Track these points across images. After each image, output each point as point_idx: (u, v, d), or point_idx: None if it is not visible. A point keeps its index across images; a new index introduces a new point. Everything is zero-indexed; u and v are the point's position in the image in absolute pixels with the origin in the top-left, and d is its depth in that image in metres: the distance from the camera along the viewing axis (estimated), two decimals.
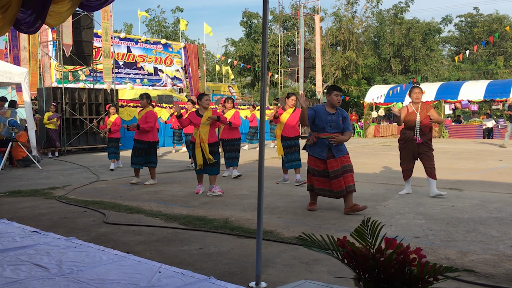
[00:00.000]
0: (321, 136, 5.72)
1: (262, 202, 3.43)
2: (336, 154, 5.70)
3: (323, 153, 5.71)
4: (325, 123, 5.70)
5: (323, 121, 5.70)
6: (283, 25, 33.91)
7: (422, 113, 6.73)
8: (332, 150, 5.70)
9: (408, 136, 6.78)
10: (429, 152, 6.72)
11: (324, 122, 5.70)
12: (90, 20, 16.55)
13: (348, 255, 1.79)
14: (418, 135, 6.68)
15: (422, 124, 6.69)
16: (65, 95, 15.93)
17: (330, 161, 5.68)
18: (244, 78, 40.08)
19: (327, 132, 5.71)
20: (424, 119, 6.70)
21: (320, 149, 5.74)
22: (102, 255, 3.94)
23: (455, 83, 26.27)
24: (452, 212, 5.70)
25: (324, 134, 5.71)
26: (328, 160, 5.68)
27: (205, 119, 7.19)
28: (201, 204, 6.57)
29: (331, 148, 5.70)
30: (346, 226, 5.10)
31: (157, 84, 24.43)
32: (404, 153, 6.88)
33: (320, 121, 5.71)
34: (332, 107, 5.79)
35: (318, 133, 5.75)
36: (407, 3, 34.76)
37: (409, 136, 6.76)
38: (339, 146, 5.76)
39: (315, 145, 5.78)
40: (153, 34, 37.49)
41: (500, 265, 3.71)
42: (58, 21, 4.92)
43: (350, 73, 33.80)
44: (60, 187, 8.30)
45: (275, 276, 3.53)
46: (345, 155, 5.79)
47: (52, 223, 5.47)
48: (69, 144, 15.97)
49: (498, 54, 41.82)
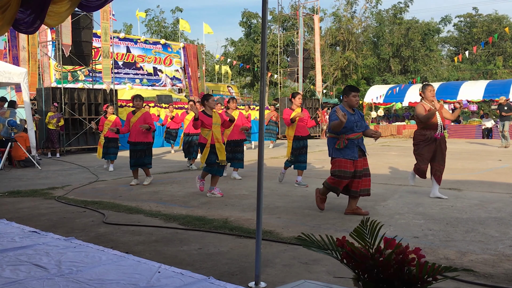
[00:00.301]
0: (351, 137, 5.60)
1: (261, 202, 3.44)
2: (363, 153, 5.71)
3: (355, 154, 5.60)
4: (352, 124, 5.60)
5: (350, 122, 5.59)
6: (282, 25, 33.92)
7: (440, 110, 6.60)
8: (362, 148, 5.68)
9: (428, 136, 6.58)
10: (444, 152, 6.63)
11: (351, 123, 5.59)
12: (89, 20, 16.54)
13: (347, 255, 1.79)
14: (441, 130, 6.55)
15: (442, 120, 6.60)
16: (64, 95, 15.92)
17: (360, 160, 5.64)
18: (244, 78, 40.09)
19: (355, 132, 5.62)
20: (442, 117, 6.63)
21: (351, 150, 5.60)
22: (102, 255, 3.94)
23: (455, 83, 26.30)
24: (451, 212, 5.71)
25: (354, 135, 5.61)
26: (356, 160, 5.62)
27: (215, 119, 7.19)
28: (200, 204, 6.57)
29: (360, 146, 5.67)
30: (345, 226, 5.10)
31: (157, 84, 24.44)
32: (426, 154, 6.65)
33: (348, 122, 5.56)
34: (350, 107, 5.71)
35: (347, 134, 5.60)
36: (406, 3, 34.81)
37: (430, 136, 6.57)
38: (363, 145, 5.75)
39: (346, 148, 5.60)
40: (152, 34, 37.49)
41: (499, 265, 3.72)
42: (57, 21, 4.92)
43: (350, 73, 33.82)
44: (60, 187, 8.30)
45: (274, 276, 3.53)
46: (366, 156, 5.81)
47: (51, 223, 5.47)
48: (69, 144, 15.97)
49: (497, 54, 41.85)
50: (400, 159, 12.36)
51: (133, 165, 8.48)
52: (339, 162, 5.62)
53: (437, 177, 6.61)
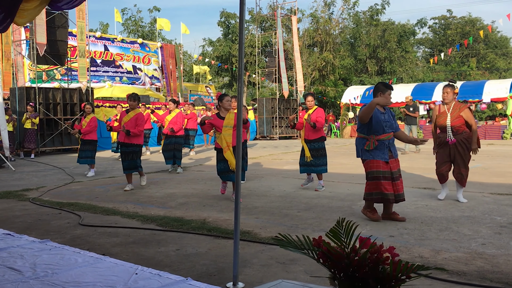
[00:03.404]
0: (381, 138, 5.34)
1: (239, 203, 3.45)
2: (395, 154, 5.44)
3: (385, 155, 5.34)
4: (382, 123, 5.35)
5: (380, 122, 5.34)
6: (260, 26, 33.97)
7: (454, 113, 6.38)
8: (391, 150, 5.43)
9: (442, 139, 6.46)
10: (464, 156, 6.36)
11: (381, 122, 5.34)
12: (64, 19, 16.29)
13: (323, 254, 1.82)
14: (450, 136, 6.36)
15: (453, 124, 6.36)
16: (38, 95, 15.65)
17: (392, 161, 5.37)
18: (222, 78, 40.00)
19: (386, 132, 5.36)
20: (456, 120, 6.36)
21: (381, 151, 5.35)
22: (78, 257, 3.89)
23: (429, 84, 26.74)
24: (426, 211, 5.81)
25: (384, 135, 5.35)
26: (390, 160, 5.36)
27: (228, 121, 6.61)
28: (178, 205, 6.54)
29: (391, 148, 5.42)
30: (323, 226, 5.15)
31: (136, 83, 24.17)
32: (439, 157, 6.53)
33: (376, 123, 5.33)
34: (383, 106, 5.45)
35: (377, 135, 5.35)
36: (383, 5, 35.23)
37: (443, 139, 6.45)
38: (394, 146, 5.50)
39: (376, 149, 5.36)
40: (129, 34, 37.10)
41: (471, 263, 3.80)
42: (26, 19, 4.83)
43: (327, 74, 34.07)
44: (34, 189, 8.16)
45: (252, 277, 3.54)
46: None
47: (26, 225, 5.38)
48: (43, 145, 15.70)
49: (470, 56, 42.74)
50: None
51: (126, 168, 7.96)
52: (372, 162, 5.38)
53: (459, 180, 6.41)
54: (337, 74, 34.33)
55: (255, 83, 29.41)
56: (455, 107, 6.42)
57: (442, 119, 6.46)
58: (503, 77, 37.82)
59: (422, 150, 15.11)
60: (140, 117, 8.00)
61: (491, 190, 7.27)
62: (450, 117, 6.39)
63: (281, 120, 25.27)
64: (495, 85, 22.88)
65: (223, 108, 6.80)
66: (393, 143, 5.49)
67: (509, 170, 9.76)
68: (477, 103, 22.66)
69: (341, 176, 9.23)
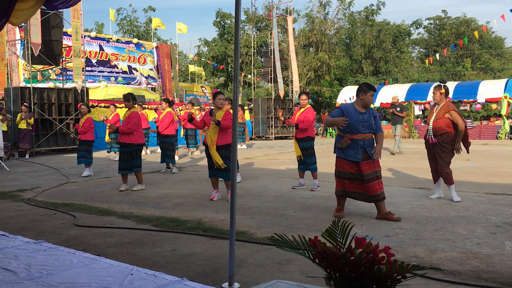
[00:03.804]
0: (355, 137, 5.38)
1: (235, 203, 3.44)
2: (371, 155, 5.41)
3: (358, 155, 5.37)
4: (358, 124, 5.37)
5: (355, 122, 5.37)
6: (256, 26, 33.98)
7: (439, 113, 6.45)
8: (367, 151, 5.40)
9: (427, 138, 6.62)
10: (443, 154, 6.42)
11: (357, 123, 5.37)
12: (59, 19, 16.24)
13: (319, 254, 1.82)
14: (431, 135, 6.47)
15: (434, 125, 6.45)
16: (33, 95, 15.59)
17: (363, 164, 5.37)
18: (217, 78, 39.99)
19: (361, 133, 5.38)
20: (439, 120, 6.42)
21: (354, 151, 5.38)
22: (73, 258, 3.88)
23: (424, 84, 26.80)
24: (421, 211, 5.83)
25: (358, 136, 5.38)
26: (361, 163, 5.37)
27: (214, 118, 6.71)
28: (173, 205, 6.53)
29: (366, 149, 5.40)
30: (318, 226, 5.15)
31: (132, 83, 24.13)
32: (427, 155, 6.70)
33: (352, 122, 5.36)
34: (363, 106, 5.45)
35: (351, 134, 5.39)
36: (378, 6, 35.32)
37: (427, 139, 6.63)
38: (372, 148, 5.46)
39: (349, 148, 5.41)
40: (124, 34, 37.01)
41: (466, 263, 3.82)
42: (21, 19, 4.80)
43: (323, 74, 34.12)
44: (29, 189, 8.12)
45: (248, 277, 3.54)
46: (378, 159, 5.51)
47: (21, 226, 5.36)
48: (38, 145, 15.64)
49: (465, 56, 42.93)
50: None
51: (120, 168, 7.94)
52: (339, 162, 5.52)
53: (444, 179, 6.48)
54: (332, 74, 34.39)
55: (251, 83, 29.42)
56: (442, 107, 6.47)
57: (429, 118, 6.62)
58: (497, 77, 38.01)
59: (416, 150, 15.15)
60: (133, 115, 7.93)
61: (486, 190, 7.30)
62: (434, 117, 6.48)
63: (277, 120, 25.28)
64: (490, 85, 22.98)
65: (215, 106, 6.92)
66: (370, 144, 5.46)
67: (503, 170, 9.80)
68: (472, 103, 22.74)
69: None
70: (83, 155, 9.97)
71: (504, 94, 21.67)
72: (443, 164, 6.45)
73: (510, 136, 22.09)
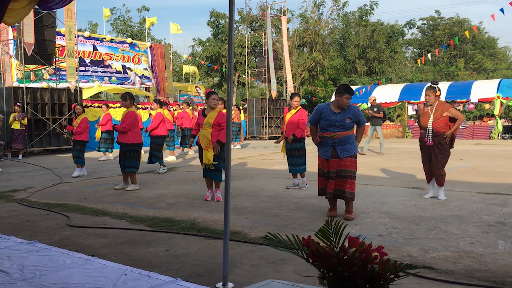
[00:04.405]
0: (325, 135, 5.54)
1: (229, 203, 3.45)
2: (341, 154, 5.45)
3: (327, 153, 5.53)
4: (329, 123, 5.51)
5: (327, 121, 5.52)
6: (250, 26, 33.99)
7: (437, 113, 6.43)
8: (336, 149, 5.48)
9: (422, 137, 6.60)
10: (439, 157, 6.43)
11: (328, 122, 5.51)
12: (52, 19, 16.16)
13: (312, 254, 1.82)
14: (429, 137, 6.44)
15: (434, 125, 6.42)
16: (26, 95, 15.51)
17: (331, 161, 5.50)
18: (211, 78, 39.95)
19: (330, 131, 5.51)
20: (438, 120, 6.41)
21: (324, 148, 5.57)
22: (66, 258, 3.86)
23: (418, 84, 26.91)
24: (414, 211, 5.85)
25: (327, 134, 5.52)
26: (330, 160, 5.51)
27: (208, 119, 6.70)
28: (167, 205, 6.52)
29: (336, 147, 5.48)
30: (312, 225, 5.16)
31: (126, 83, 24.01)
32: (422, 155, 6.69)
33: (324, 121, 5.54)
34: (339, 107, 5.53)
35: (322, 132, 5.59)
36: (372, 6, 35.42)
37: (423, 137, 6.58)
38: (345, 146, 5.49)
39: (321, 145, 5.63)
40: (118, 34, 36.89)
41: (459, 262, 3.84)
42: (15, 19, 4.77)
43: (317, 74, 34.17)
44: (22, 190, 8.08)
45: (242, 277, 3.54)
46: (350, 158, 5.48)
47: (14, 226, 5.33)
48: (31, 146, 15.55)
49: (458, 57, 43.14)
50: (365, 159, 12.57)
51: (121, 167, 8.05)
52: (319, 159, 5.69)
53: (437, 180, 6.52)
54: (326, 74, 34.45)
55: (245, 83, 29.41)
56: (438, 107, 6.47)
57: (424, 119, 6.57)
58: (490, 77, 38.22)
59: (410, 150, 15.21)
60: (129, 115, 7.92)
61: (478, 189, 7.34)
62: (433, 118, 6.45)
63: (271, 120, 25.30)
64: (483, 85, 23.11)
65: (208, 105, 6.86)
66: (341, 142, 5.48)
67: (496, 170, 9.86)
68: (465, 103, 22.85)
69: None
70: (77, 155, 9.92)
71: (497, 94, 21.80)
72: (439, 166, 6.46)
73: (503, 136, 22.23)
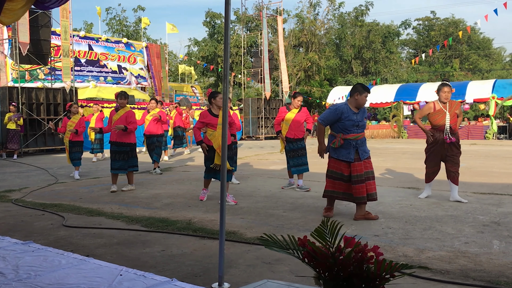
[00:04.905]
0: (348, 137, 5.37)
1: (224, 203, 3.44)
2: (362, 156, 5.40)
3: (350, 155, 5.36)
4: (351, 124, 5.36)
5: (351, 121, 5.36)
6: (246, 26, 34.00)
7: (451, 111, 6.35)
8: (358, 151, 5.40)
9: (438, 138, 6.38)
10: (457, 156, 6.39)
11: (351, 122, 5.36)
12: (48, 19, 16.11)
13: (308, 254, 1.82)
14: (449, 135, 6.32)
15: (451, 122, 6.33)
16: (21, 95, 15.45)
17: (355, 164, 5.36)
18: (207, 78, 39.94)
19: (354, 132, 5.38)
20: (453, 118, 6.36)
21: (347, 151, 5.37)
22: (61, 259, 3.85)
23: (413, 84, 27.01)
24: (410, 211, 5.87)
25: (351, 135, 5.37)
26: (353, 163, 5.36)
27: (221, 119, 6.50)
28: (163, 205, 6.51)
29: (358, 149, 5.40)
30: (308, 226, 5.16)
31: (121, 82, 23.96)
32: (432, 156, 6.48)
33: (347, 121, 5.35)
34: (356, 107, 5.43)
35: (344, 134, 5.38)
36: (367, 6, 35.50)
37: (439, 138, 6.37)
38: (364, 147, 5.47)
39: (342, 147, 5.39)
40: (114, 33, 36.80)
41: (455, 261, 3.85)
42: (11, 19, 4.76)
43: (313, 74, 34.23)
44: (17, 190, 8.05)
45: (238, 277, 3.54)
46: (369, 159, 5.50)
47: (8, 227, 5.31)
48: (26, 146, 15.49)
49: (454, 57, 43.29)
50: None
51: (116, 168, 7.82)
52: (332, 162, 5.48)
53: (453, 178, 6.38)
54: (322, 74, 34.52)
55: (241, 83, 29.41)
56: (451, 105, 6.42)
57: (439, 118, 6.37)
58: (485, 78, 38.39)
59: (405, 150, 15.26)
60: (131, 114, 7.91)
61: (474, 189, 7.37)
62: (449, 116, 6.35)
63: (267, 120, 25.31)
64: (478, 85, 23.21)
65: (216, 105, 6.77)
66: (362, 144, 5.47)
67: (491, 170, 9.90)
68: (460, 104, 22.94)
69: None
70: (79, 157, 9.75)
71: (492, 94, 21.89)
72: (456, 164, 6.40)
73: (497, 136, 22.32)
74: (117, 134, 7.79)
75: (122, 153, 7.84)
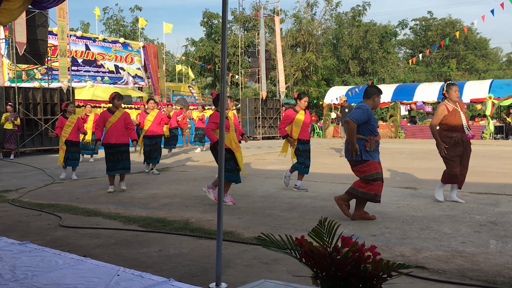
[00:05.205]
0: (377, 139, 5.37)
1: (222, 203, 3.44)
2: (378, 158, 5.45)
3: (379, 156, 5.43)
4: (376, 125, 5.40)
5: (376, 123, 5.37)
6: (243, 26, 34.00)
7: (463, 110, 6.34)
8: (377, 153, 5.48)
9: (456, 139, 6.23)
10: (469, 157, 6.35)
11: (376, 124, 5.39)
12: (44, 18, 16.07)
13: (306, 254, 1.83)
14: (469, 130, 6.28)
15: (466, 121, 6.29)
16: (18, 95, 15.41)
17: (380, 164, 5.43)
18: (205, 78, 39.92)
19: (377, 134, 5.40)
20: (465, 115, 6.35)
21: (377, 153, 5.37)
22: (58, 259, 3.84)
23: (411, 85, 27.04)
24: (407, 211, 5.88)
25: (378, 137, 5.39)
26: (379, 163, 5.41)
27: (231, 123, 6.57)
28: (160, 205, 6.50)
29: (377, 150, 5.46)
30: (306, 225, 5.16)
31: (119, 82, 23.91)
32: (456, 157, 6.26)
33: (375, 123, 5.34)
34: (373, 108, 5.47)
35: (372, 136, 5.32)
36: (365, 6, 35.54)
37: (457, 139, 6.23)
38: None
39: (375, 150, 5.34)
40: (111, 33, 36.75)
41: (452, 261, 3.86)
42: (9, 18, 4.75)
43: (310, 74, 34.25)
44: (14, 190, 8.03)
45: (235, 277, 3.54)
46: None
47: (5, 227, 5.29)
48: (23, 146, 15.45)
49: (451, 57, 43.36)
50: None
51: (115, 169, 7.75)
52: (373, 164, 5.31)
53: (460, 181, 6.33)
54: (319, 74, 34.54)
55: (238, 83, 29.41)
56: (460, 105, 6.37)
57: (456, 118, 6.23)
58: (482, 78, 38.45)
59: (402, 150, 15.28)
60: (128, 115, 8.00)
61: (470, 189, 7.38)
62: (464, 115, 6.30)
63: (264, 120, 25.31)
64: (475, 86, 23.27)
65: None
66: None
67: (488, 170, 9.92)
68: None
69: (323, 176, 9.27)
70: (76, 157, 9.59)
71: (488, 94, 21.95)
72: (466, 168, 6.37)
73: (494, 136, 22.38)
74: (117, 135, 7.76)
75: (123, 153, 7.89)
